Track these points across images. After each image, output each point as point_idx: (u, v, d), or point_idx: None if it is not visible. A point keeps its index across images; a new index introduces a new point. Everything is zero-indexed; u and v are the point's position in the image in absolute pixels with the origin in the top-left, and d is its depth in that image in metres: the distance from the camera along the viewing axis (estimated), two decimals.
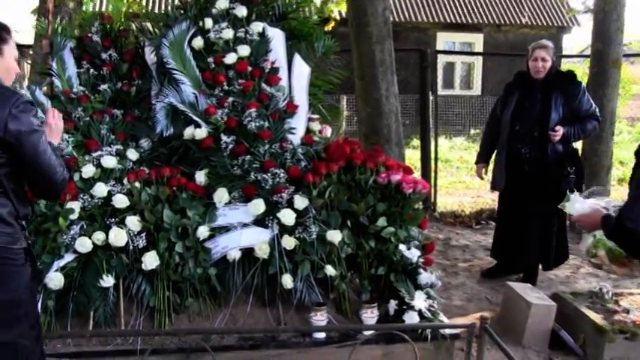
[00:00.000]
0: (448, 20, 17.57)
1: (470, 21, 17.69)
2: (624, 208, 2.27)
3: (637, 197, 2.24)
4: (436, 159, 7.89)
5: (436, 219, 7.39)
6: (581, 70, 10.97)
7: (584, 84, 4.93)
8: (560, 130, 4.60)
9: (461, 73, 17.97)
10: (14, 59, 2.36)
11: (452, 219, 7.44)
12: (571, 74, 4.89)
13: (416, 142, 10.91)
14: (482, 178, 5.46)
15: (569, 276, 5.41)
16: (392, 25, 6.02)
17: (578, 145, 5.38)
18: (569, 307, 4.05)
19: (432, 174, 7.72)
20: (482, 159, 5.29)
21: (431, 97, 7.81)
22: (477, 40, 17.94)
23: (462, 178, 10.43)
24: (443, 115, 12.61)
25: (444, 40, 17.75)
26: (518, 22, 17.94)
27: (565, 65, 12.31)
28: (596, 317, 3.83)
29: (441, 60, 10.00)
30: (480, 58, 16.95)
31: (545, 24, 18.01)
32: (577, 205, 2.75)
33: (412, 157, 9.50)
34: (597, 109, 4.84)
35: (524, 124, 4.79)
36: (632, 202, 2.25)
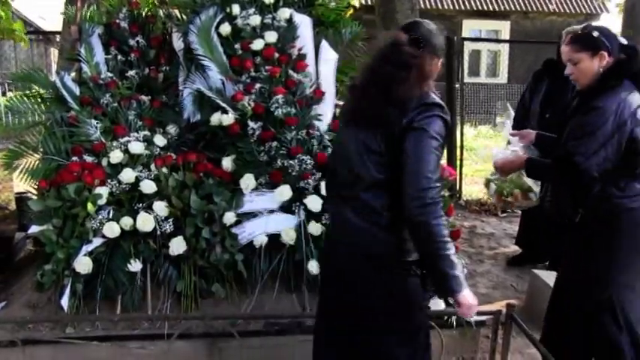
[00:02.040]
0: (474, 7, 17.35)
1: (496, 8, 17.44)
2: (572, 146, 2.54)
3: (584, 136, 2.52)
4: (462, 147, 7.81)
5: (461, 207, 7.33)
6: None
7: None
8: None
9: (487, 61, 17.77)
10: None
11: (477, 207, 7.37)
12: None
13: None
14: None
15: None
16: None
17: None
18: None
19: (458, 162, 7.65)
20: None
21: (456, 85, 7.72)
22: (504, 28, 17.68)
23: (487, 167, 10.31)
24: (468, 103, 12.48)
25: (470, 27, 17.53)
26: (546, 9, 17.65)
27: None
28: None
29: (467, 47, 9.87)
30: (507, 45, 16.71)
31: (573, 11, 17.69)
32: (497, 153, 3.12)
33: None
34: None
35: (554, 112, 4.70)
36: (584, 140, 2.52)
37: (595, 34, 2.65)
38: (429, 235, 1.95)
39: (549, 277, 4.15)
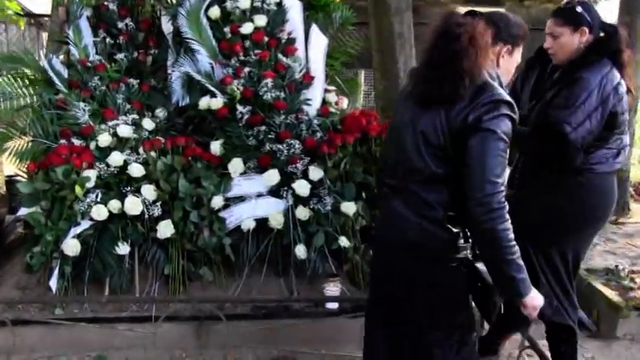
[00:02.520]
0: None
1: None
2: (556, 116, 2.55)
3: (570, 106, 2.53)
4: None
5: None
6: None
7: None
8: None
9: None
10: (514, 66, 2.25)
11: None
12: None
13: None
14: None
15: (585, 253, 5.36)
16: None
17: None
18: (582, 283, 4.02)
19: None
20: None
21: None
22: None
23: None
24: None
25: None
26: None
27: None
28: (611, 294, 3.81)
29: None
30: None
31: None
32: None
33: None
34: None
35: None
36: (571, 110, 2.52)
37: (578, 9, 2.64)
38: (495, 241, 1.89)
39: None
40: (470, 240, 2.02)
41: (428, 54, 2.02)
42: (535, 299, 1.97)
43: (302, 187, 3.49)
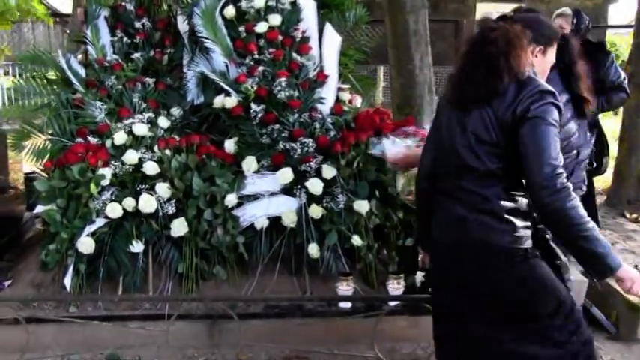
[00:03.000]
0: None
1: None
2: None
3: None
4: None
5: None
6: (628, 42, 10.55)
7: (613, 54, 4.74)
8: None
9: None
10: (549, 65, 2.23)
11: None
12: (600, 44, 4.71)
13: None
14: None
15: None
16: None
17: (618, 117, 5.20)
18: (602, 283, 3.95)
19: None
20: None
21: None
22: None
23: None
24: None
25: (484, 10, 17.25)
26: None
27: (612, 37, 11.94)
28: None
29: None
30: None
31: None
32: (391, 147, 3.16)
33: None
34: (626, 81, 4.63)
35: None
36: None
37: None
38: (567, 219, 1.86)
39: None
40: (531, 227, 2.02)
41: (462, 59, 2.08)
42: (629, 271, 1.92)
43: (315, 186, 3.47)
